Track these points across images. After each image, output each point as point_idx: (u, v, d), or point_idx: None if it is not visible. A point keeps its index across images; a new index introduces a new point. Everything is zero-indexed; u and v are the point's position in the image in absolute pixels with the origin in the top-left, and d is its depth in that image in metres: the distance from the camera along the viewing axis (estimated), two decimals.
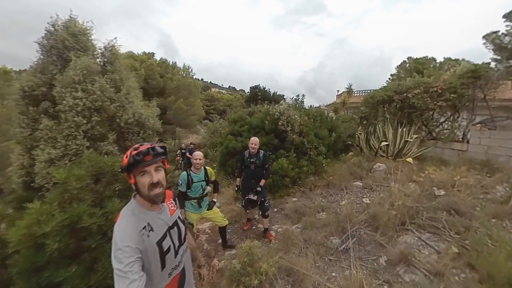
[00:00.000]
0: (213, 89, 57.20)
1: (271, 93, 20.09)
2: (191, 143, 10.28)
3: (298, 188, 5.18)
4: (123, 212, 1.15)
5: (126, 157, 1.12)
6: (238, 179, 3.99)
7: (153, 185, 1.11)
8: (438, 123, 6.46)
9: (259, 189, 3.63)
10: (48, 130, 2.83)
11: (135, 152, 1.10)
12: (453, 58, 21.44)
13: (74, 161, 2.70)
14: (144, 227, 1.11)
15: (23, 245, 1.93)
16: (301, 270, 2.71)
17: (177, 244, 1.27)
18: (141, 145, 1.16)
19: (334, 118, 9.12)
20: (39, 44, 3.20)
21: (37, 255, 1.92)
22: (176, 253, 1.26)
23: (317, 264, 2.95)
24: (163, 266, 1.17)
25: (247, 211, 4.10)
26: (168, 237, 1.21)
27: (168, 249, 1.19)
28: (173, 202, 1.39)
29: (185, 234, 1.37)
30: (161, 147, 1.18)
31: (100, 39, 3.62)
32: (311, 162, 5.49)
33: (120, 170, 1.15)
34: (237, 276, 2.49)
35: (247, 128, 6.46)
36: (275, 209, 4.70)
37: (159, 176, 1.14)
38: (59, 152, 2.73)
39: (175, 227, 1.29)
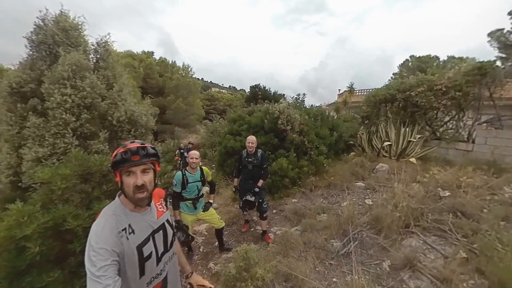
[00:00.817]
0: (213, 89, 57.24)
1: (272, 92, 19.96)
2: (189, 143, 10.19)
3: (298, 189, 5.11)
4: (103, 211, 1.08)
5: (115, 153, 1.05)
6: (235, 180, 3.91)
7: (137, 187, 1.03)
8: (442, 122, 6.36)
9: (256, 189, 3.55)
10: (36, 128, 2.73)
11: (123, 150, 1.03)
12: (457, 56, 21.29)
13: (62, 160, 2.61)
14: (124, 229, 1.03)
15: (3, 248, 1.84)
16: (299, 276, 2.61)
17: (161, 250, 1.17)
18: (131, 142, 1.08)
19: (335, 117, 9.04)
20: (27, 39, 3.10)
21: (18, 259, 1.82)
22: (159, 260, 1.16)
23: (317, 269, 2.86)
24: (141, 273, 1.08)
25: (245, 212, 4.01)
26: (150, 242, 1.12)
27: (149, 255, 1.10)
28: (163, 203, 1.29)
29: (173, 240, 1.27)
30: (153, 147, 1.11)
31: (92, 35, 3.54)
32: (311, 162, 5.41)
33: (109, 165, 1.09)
34: (232, 281, 2.39)
35: (246, 127, 6.37)
36: (274, 211, 4.62)
37: (146, 178, 1.06)
38: (47, 150, 2.63)
39: (161, 231, 1.19)
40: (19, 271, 1.90)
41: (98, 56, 3.39)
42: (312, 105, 11.61)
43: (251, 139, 3.61)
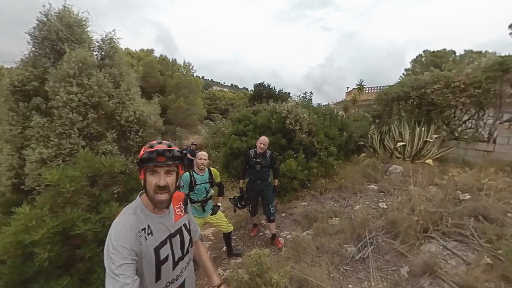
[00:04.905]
0: (214, 87, 57.36)
1: (276, 91, 19.94)
2: (192, 144, 10.24)
3: (308, 192, 5.11)
4: (125, 209, 1.13)
5: (142, 151, 1.12)
6: (241, 181, 3.93)
7: (159, 188, 1.08)
8: (461, 121, 6.30)
9: (277, 190, 3.80)
10: (40, 128, 2.75)
11: (150, 149, 1.10)
12: (475, 51, 20.89)
13: (68, 162, 2.63)
14: (143, 229, 1.08)
15: (9, 254, 1.85)
16: (314, 281, 2.61)
17: (178, 255, 1.21)
18: (159, 143, 1.14)
19: (344, 116, 9.02)
20: (30, 35, 3.13)
21: (25, 265, 1.84)
22: (175, 264, 1.20)
23: (331, 275, 2.86)
24: (157, 277, 1.11)
25: (240, 208, 4.01)
26: (167, 245, 1.16)
27: (166, 259, 1.14)
28: (182, 206, 1.32)
29: (189, 245, 1.30)
30: (179, 151, 1.16)
31: (97, 32, 3.58)
32: (321, 163, 5.42)
33: (136, 161, 1.17)
34: (244, 287, 2.39)
35: (252, 127, 6.39)
36: (283, 214, 4.62)
37: (168, 180, 1.11)
38: (52, 151, 2.65)
39: (178, 236, 1.22)
40: (25, 279, 1.91)
41: (103, 53, 3.43)
42: (319, 103, 11.60)
43: (264, 140, 3.60)
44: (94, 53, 3.38)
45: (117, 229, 1.03)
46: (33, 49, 3.20)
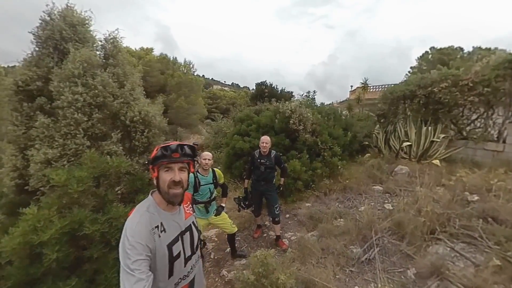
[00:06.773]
0: (215, 86, 57.43)
1: (279, 90, 19.92)
2: (193, 144, 10.28)
3: (312, 192, 5.13)
4: (138, 207, 1.18)
5: (156, 150, 1.17)
6: (246, 181, 3.98)
7: (174, 183, 1.14)
8: (469, 120, 6.28)
9: (281, 188, 3.89)
10: (45, 128, 2.79)
11: (163, 146, 1.16)
12: (484, 47, 20.70)
13: (73, 162, 2.68)
14: (157, 227, 1.13)
15: (17, 255, 1.88)
16: (320, 282, 2.64)
17: (188, 251, 1.26)
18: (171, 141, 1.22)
19: (348, 116, 9.03)
20: (34, 34, 3.18)
21: (33, 267, 1.88)
22: (186, 261, 1.25)
23: (337, 276, 2.90)
24: (170, 273, 1.17)
25: (247, 209, 4.07)
26: (179, 242, 1.21)
27: (178, 255, 1.19)
28: (191, 206, 1.40)
29: (198, 242, 1.36)
30: (191, 148, 1.23)
31: (99, 31, 3.62)
32: (325, 164, 5.43)
33: (146, 162, 1.22)
34: None
35: (255, 127, 6.42)
36: (287, 215, 4.65)
37: (182, 176, 1.18)
38: (57, 152, 2.69)
39: (188, 233, 1.28)
40: (32, 280, 1.95)
41: (106, 53, 3.47)
42: (322, 103, 11.63)
43: (266, 139, 3.65)
44: (98, 52, 3.43)
45: (132, 225, 1.07)
46: (37, 48, 3.24)
